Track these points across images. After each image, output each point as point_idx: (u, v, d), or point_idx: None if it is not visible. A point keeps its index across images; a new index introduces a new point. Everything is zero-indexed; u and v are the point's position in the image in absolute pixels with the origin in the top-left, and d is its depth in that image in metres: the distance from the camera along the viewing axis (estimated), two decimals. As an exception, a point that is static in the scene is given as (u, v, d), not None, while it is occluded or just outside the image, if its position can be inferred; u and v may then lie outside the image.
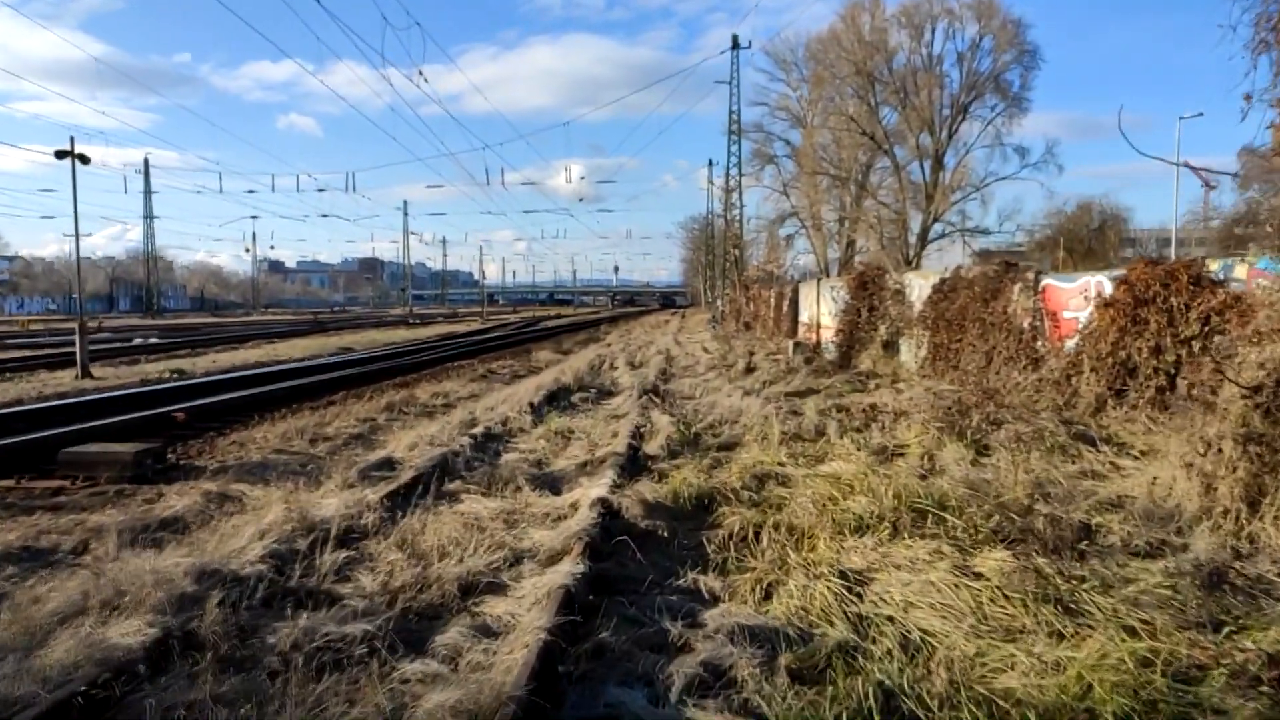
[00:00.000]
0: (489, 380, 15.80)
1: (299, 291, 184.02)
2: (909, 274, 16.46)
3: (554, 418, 10.19)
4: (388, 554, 4.75)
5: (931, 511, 5.90)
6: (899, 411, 10.15)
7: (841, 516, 5.84)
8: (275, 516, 4.96)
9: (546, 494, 6.67)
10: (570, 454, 8.28)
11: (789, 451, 8.28)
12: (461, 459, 7.61)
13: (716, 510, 6.13)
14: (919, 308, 15.50)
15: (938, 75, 51.44)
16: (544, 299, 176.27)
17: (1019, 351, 12.12)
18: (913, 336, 15.63)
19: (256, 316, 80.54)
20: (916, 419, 9.10)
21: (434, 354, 21.77)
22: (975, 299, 13.33)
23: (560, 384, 13.73)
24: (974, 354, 13.11)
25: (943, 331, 14.24)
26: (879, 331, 16.88)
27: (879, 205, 56.69)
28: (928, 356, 14.73)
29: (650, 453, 8.32)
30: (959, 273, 14.44)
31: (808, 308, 24.59)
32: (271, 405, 11.53)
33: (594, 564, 4.84)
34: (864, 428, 9.68)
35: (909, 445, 8.34)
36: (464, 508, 6.14)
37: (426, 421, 10.14)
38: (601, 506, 5.83)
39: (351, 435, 9.12)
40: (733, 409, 11.58)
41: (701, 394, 13.62)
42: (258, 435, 8.93)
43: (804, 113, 60.99)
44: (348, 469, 6.99)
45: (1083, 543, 5.56)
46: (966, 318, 13.56)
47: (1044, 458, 7.37)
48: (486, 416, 10.25)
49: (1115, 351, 10.06)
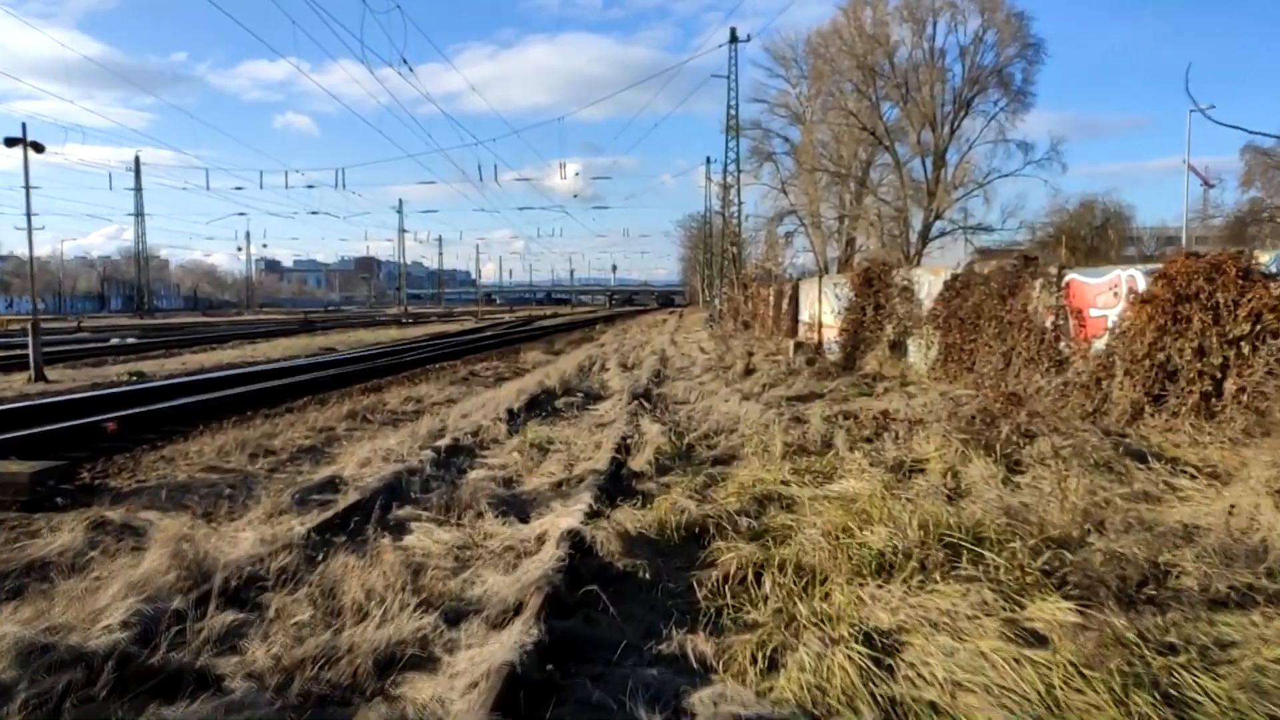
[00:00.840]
0: (470, 384, 14.81)
1: (295, 291, 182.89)
2: (917, 270, 15.51)
3: (532, 427, 9.22)
4: (295, 612, 3.77)
5: (966, 546, 4.93)
6: (914, 420, 9.18)
7: (859, 552, 4.87)
8: (158, 562, 3.98)
9: (512, 521, 5.70)
10: (546, 470, 7.31)
11: (793, 467, 7.32)
12: (419, 478, 6.63)
13: (710, 544, 5.16)
14: (929, 306, 14.54)
15: (940, 69, 50.45)
16: (541, 298, 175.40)
17: (1041, 352, 11.16)
18: (922, 336, 14.67)
19: (248, 316, 79.40)
20: (935, 429, 8.13)
21: (418, 355, 20.79)
22: (991, 296, 12.36)
23: (544, 388, 12.75)
24: (990, 355, 12.15)
25: (955, 331, 13.27)
26: (885, 331, 15.91)
27: (880, 202, 55.78)
28: (938, 357, 13.76)
29: (636, 469, 7.35)
30: (973, 268, 13.48)
31: (809, 306, 23.62)
32: (223, 412, 10.54)
33: (556, 621, 3.88)
34: (875, 438, 8.72)
35: (929, 460, 7.37)
36: (411, 541, 5.17)
37: (391, 431, 9.16)
38: (571, 542, 4.86)
39: (301, 448, 8.12)
40: (730, 415, 10.61)
41: (697, 398, 12.64)
42: (194, 448, 7.94)
43: (803, 109, 60.03)
44: (282, 492, 6.01)
45: (1152, 587, 4.61)
46: (982, 316, 12.59)
47: (1087, 476, 6.40)
48: (458, 425, 9.27)
49: (1153, 353, 9.10)
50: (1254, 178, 63.85)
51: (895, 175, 55.35)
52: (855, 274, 16.92)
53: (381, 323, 55.61)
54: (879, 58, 52.49)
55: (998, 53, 49.93)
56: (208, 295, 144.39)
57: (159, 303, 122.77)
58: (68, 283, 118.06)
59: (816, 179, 56.48)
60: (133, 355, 21.96)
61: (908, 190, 53.83)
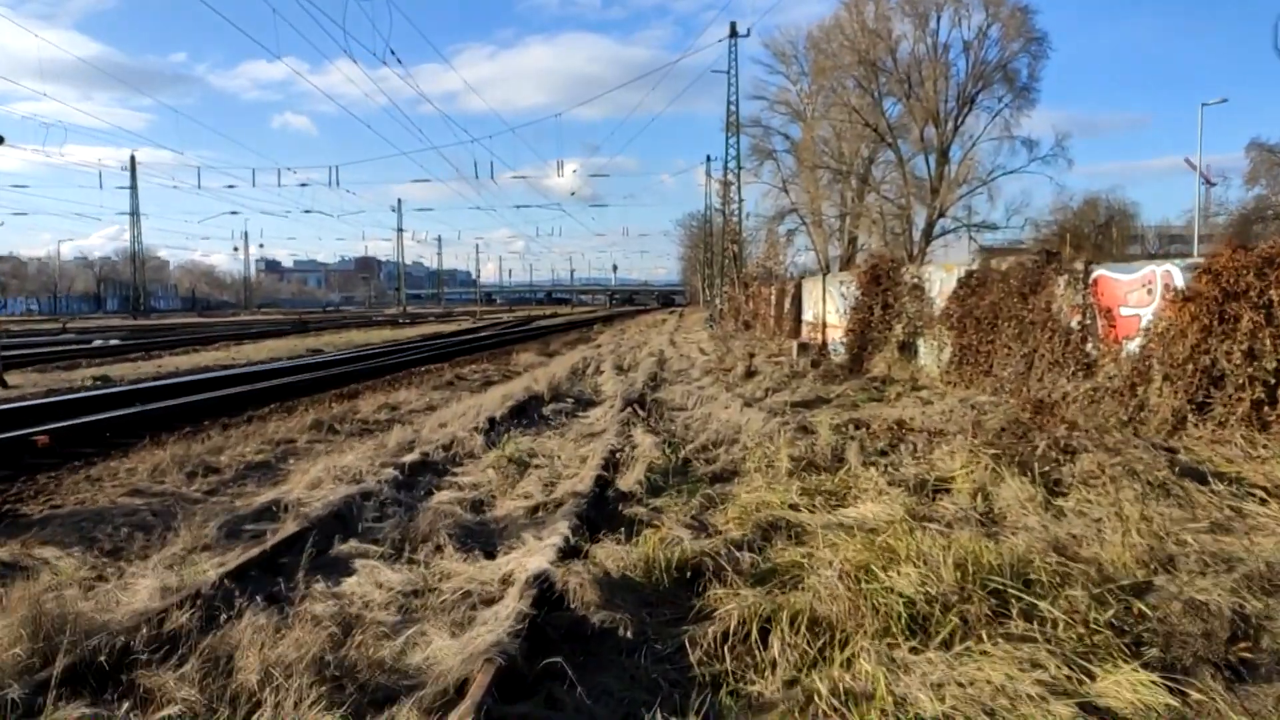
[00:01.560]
0: (454, 388, 13.97)
1: (294, 291, 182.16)
2: (928, 267, 14.67)
3: (512, 440, 8.38)
4: (165, 703, 2.93)
5: (1013, 592, 4.10)
6: (934, 431, 8.33)
7: (885, 600, 4.03)
8: (4, 631, 3.15)
9: (476, 557, 4.87)
10: (522, 491, 6.47)
11: (801, 486, 6.48)
12: (375, 502, 5.80)
13: (706, 588, 4.33)
14: (941, 305, 13.69)
15: (943, 65, 49.54)
16: (541, 298, 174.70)
17: (1066, 355, 10.31)
18: (934, 337, 13.83)
19: (244, 316, 78.57)
20: (959, 443, 7.29)
21: (405, 357, 19.96)
22: (1011, 294, 11.51)
23: (532, 393, 11.92)
24: (1010, 357, 11.30)
25: (970, 331, 12.43)
26: (894, 331, 15.07)
27: (882, 200, 54.95)
28: (952, 360, 12.92)
29: (625, 489, 6.52)
30: (989, 264, 12.64)
31: (812, 305, 22.78)
32: (177, 422, 9.69)
33: (509, 707, 3.05)
34: (891, 451, 7.88)
35: (954, 479, 6.53)
36: (350, 586, 4.34)
37: (356, 444, 8.31)
38: (539, 589, 4.03)
39: (250, 465, 7.28)
40: (731, 424, 9.78)
41: (695, 404, 11.81)
42: (129, 466, 7.10)
43: (804, 107, 59.20)
44: (209, 521, 5.17)
45: (1245, 645, 3.78)
46: (1000, 316, 11.75)
47: (1140, 500, 5.56)
48: (431, 437, 8.44)
49: (1196, 356, 8.26)
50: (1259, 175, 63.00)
51: (898, 172, 54.43)
52: (862, 271, 16.09)
53: (377, 323, 54.78)
54: (881, 53, 51.61)
55: (1002, 47, 49.01)
56: (206, 296, 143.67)
57: (157, 303, 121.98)
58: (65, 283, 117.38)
59: (818, 176, 55.61)
60: (111, 358, 21.13)
61: (911, 188, 52.99)
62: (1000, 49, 49.09)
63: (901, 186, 53.89)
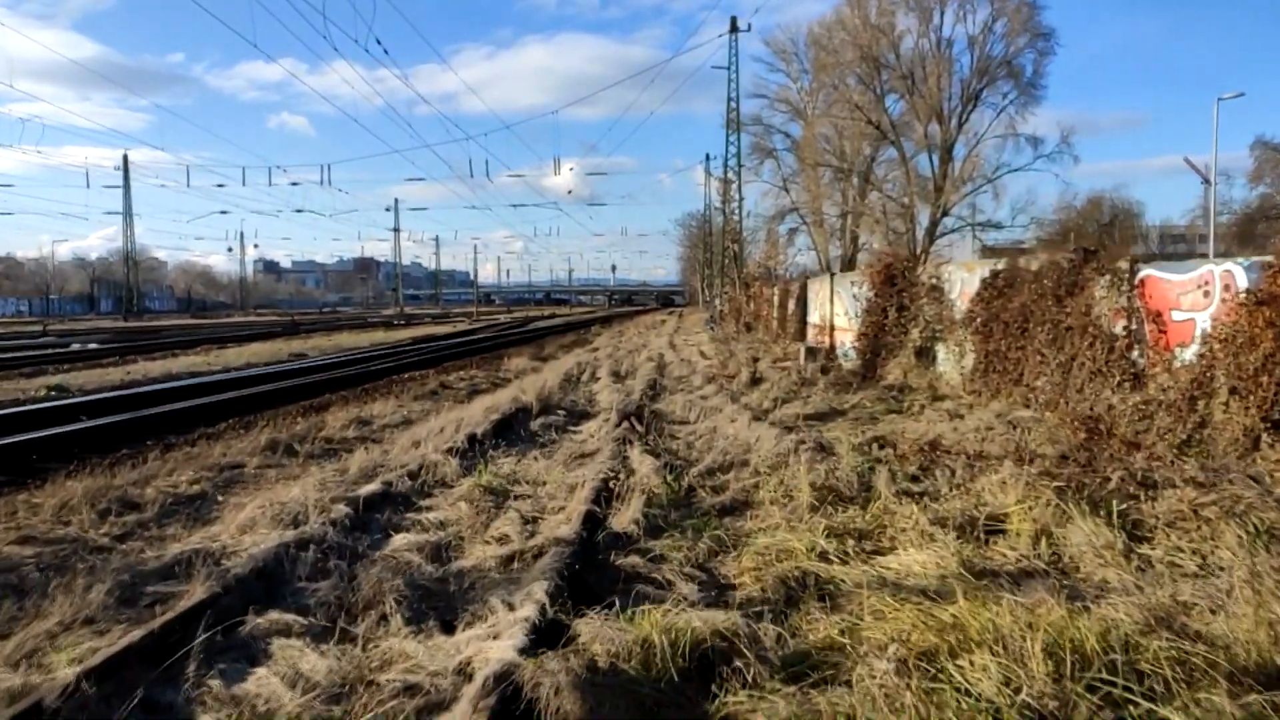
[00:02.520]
0: (437, 398, 12.94)
1: (292, 292, 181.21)
2: (948, 265, 13.68)
3: (492, 464, 7.36)
4: None
5: (1131, 696, 3.09)
6: (973, 453, 7.31)
7: (963, 710, 3.02)
8: None
9: (430, 632, 3.86)
10: (497, 532, 5.45)
11: (828, 525, 5.47)
12: (315, 552, 4.78)
13: (722, 687, 3.31)
14: (963, 307, 12.68)
15: (947, 60, 48.55)
16: (540, 299, 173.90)
17: (1110, 364, 9.30)
18: (955, 342, 12.82)
19: (238, 318, 77.53)
20: (1008, 470, 6.27)
21: (390, 362, 18.93)
22: (1044, 295, 10.50)
23: (520, 405, 10.90)
24: (1044, 366, 10.29)
25: (997, 336, 11.41)
26: (911, 336, 14.06)
27: (885, 198, 53.98)
28: (976, 367, 11.91)
29: (619, 529, 5.50)
30: (1018, 262, 11.62)
31: (819, 307, 21.75)
32: (112, 443, 8.62)
33: None
34: (924, 475, 6.87)
35: (1008, 516, 5.52)
36: (256, 681, 3.33)
37: (314, 469, 7.28)
38: (500, 699, 3.01)
39: (179, 499, 6.23)
40: (739, 441, 8.77)
41: (698, 417, 10.80)
42: (35, 501, 6.05)
43: (805, 104, 58.32)
44: (102, 582, 4.14)
45: None
46: (1031, 319, 10.74)
47: (1248, 547, 4.55)
48: (401, 460, 7.41)
49: (1271, 367, 7.25)
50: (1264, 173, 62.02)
51: (900, 170, 53.49)
52: (875, 270, 15.07)
53: (372, 325, 53.69)
54: (884, 48, 50.62)
55: (1007, 43, 48.07)
56: (202, 297, 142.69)
57: (152, 304, 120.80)
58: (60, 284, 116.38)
59: (819, 175, 54.66)
60: (82, 363, 20.08)
61: (914, 186, 52.00)
62: (1006, 44, 48.17)
63: (904, 184, 52.95)
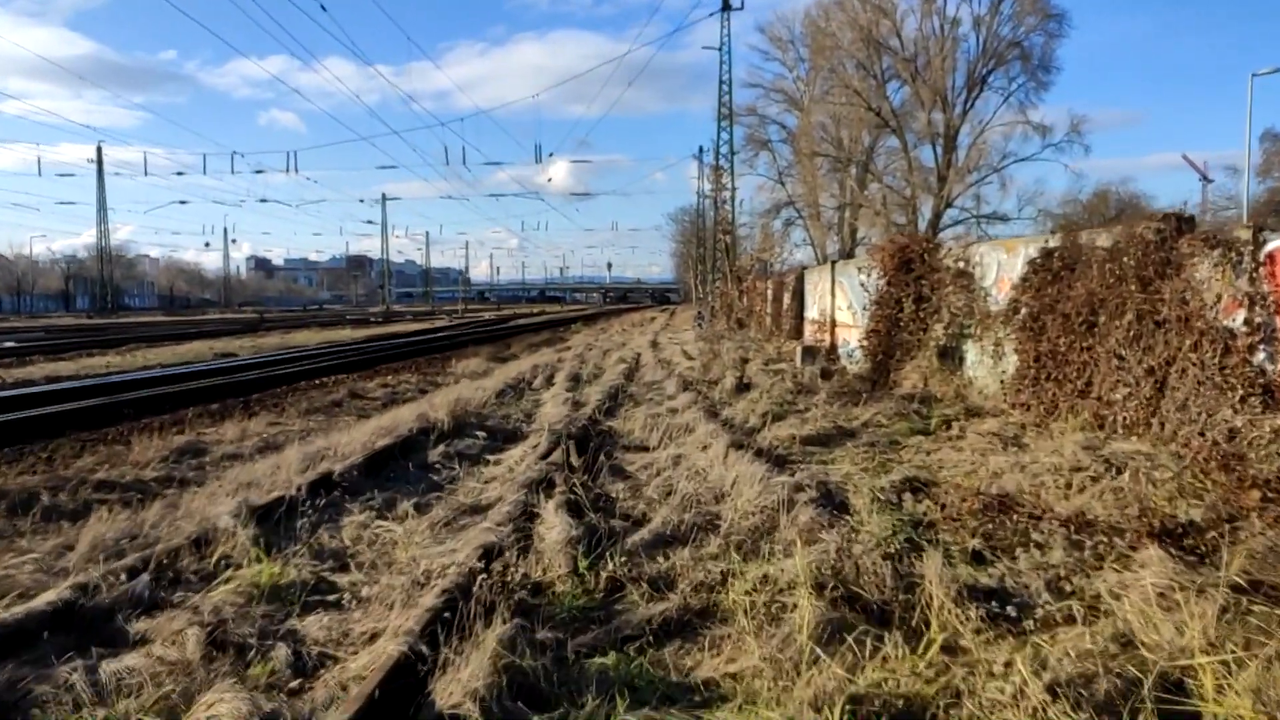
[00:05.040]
0: (339, 411, 10.26)
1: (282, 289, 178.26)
2: (980, 246, 11.05)
3: (322, 532, 4.69)
4: None
5: None
6: (1071, 517, 4.65)
7: None
8: None
9: None
10: (205, 714, 2.78)
11: (849, 690, 2.84)
12: None
13: None
14: (1003, 296, 10.06)
15: (953, 42, 45.79)
16: (535, 296, 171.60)
17: (1228, 371, 6.66)
18: (990, 340, 10.19)
19: (213, 315, 74.68)
20: (1153, 564, 3.63)
21: (321, 363, 16.20)
22: (1123, 278, 7.86)
23: (427, 423, 8.24)
24: (1124, 372, 7.65)
25: (1052, 333, 8.77)
26: (933, 333, 11.41)
27: (885, 189, 51.32)
28: (1023, 373, 9.26)
29: (449, 705, 2.84)
30: (1078, 239, 8.96)
31: (817, 300, 19.12)
32: None
33: None
34: (995, 556, 4.24)
35: (1197, 673, 2.88)
36: None
37: (29, 543, 4.63)
38: None
39: None
40: (709, 484, 6.15)
41: (661, 440, 8.15)
42: None
43: (801, 94, 55.55)
44: None
45: None
46: (1101, 310, 8.11)
47: None
48: (170, 530, 4.75)
49: None
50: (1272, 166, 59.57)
51: (902, 160, 50.84)
52: (887, 254, 12.41)
53: (349, 322, 50.84)
54: (885, 31, 47.93)
55: (1016, 23, 45.33)
56: (186, 294, 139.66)
57: (131, 301, 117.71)
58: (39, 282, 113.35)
59: (816, 166, 52.00)
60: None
61: (916, 175, 49.38)
62: (1014, 24, 45.46)
63: (906, 174, 50.30)
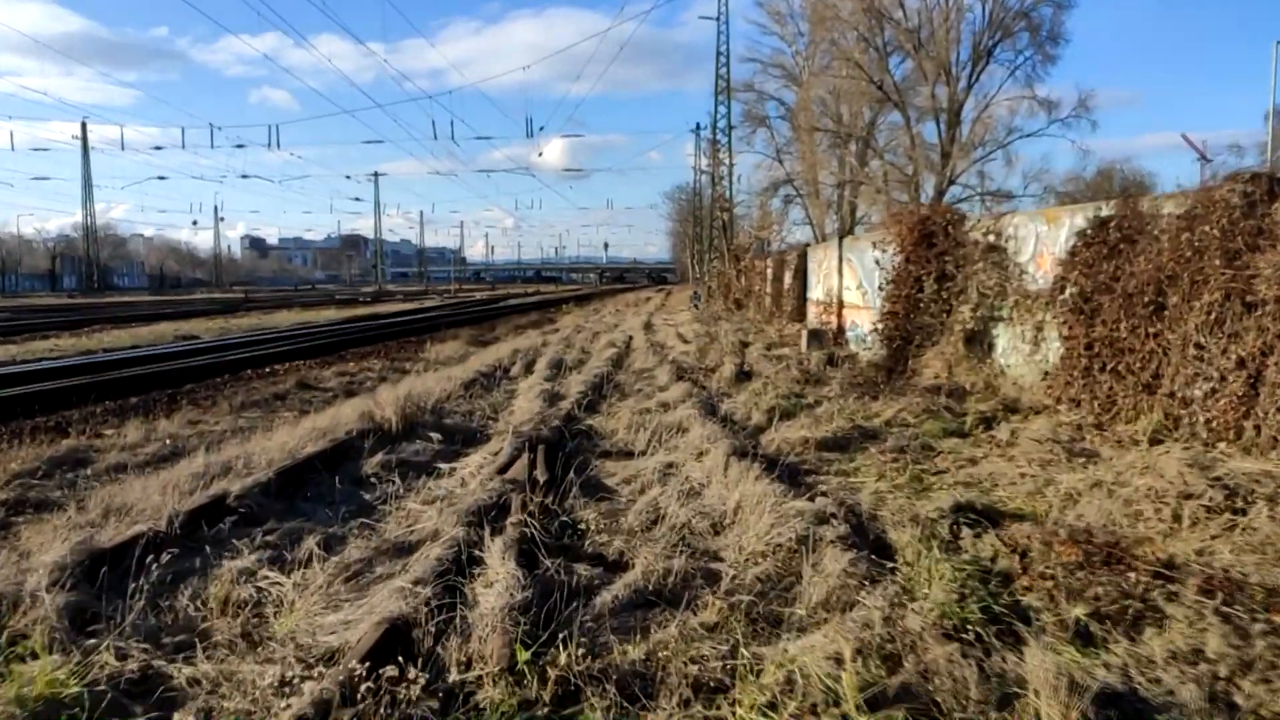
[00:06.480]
0: (275, 407, 8.95)
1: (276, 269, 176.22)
2: (1014, 217, 9.73)
3: (143, 616, 3.40)
4: None
5: None
6: (1216, 576, 3.37)
7: None
8: None
9: None
10: None
11: None
12: None
13: None
14: (1042, 273, 8.76)
15: (958, 12, 44.02)
16: (531, 276, 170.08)
17: (1347, 364, 5.38)
18: (1029, 324, 8.89)
19: (200, 295, 73.19)
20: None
21: (285, 346, 14.88)
22: (1200, 252, 6.56)
23: (369, 424, 6.95)
24: (1204, 363, 6.37)
25: (1107, 316, 7.48)
26: (958, 315, 10.10)
27: (886, 165, 49.78)
28: (1070, 362, 7.96)
29: None
30: (1139, 205, 7.64)
31: (822, 280, 17.79)
32: None
33: None
34: (1110, 630, 2.97)
35: None
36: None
37: None
38: None
39: None
40: (706, 509, 4.88)
41: (649, 443, 6.86)
42: None
43: (800, 69, 53.80)
44: None
45: None
46: (1171, 290, 6.82)
47: None
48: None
49: None
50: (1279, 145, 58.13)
51: (904, 136, 49.22)
52: (905, 227, 11.07)
53: (336, 302, 49.30)
54: (888, 1, 46.28)
55: (1024, -7, 43.65)
56: (177, 273, 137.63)
57: (120, 281, 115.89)
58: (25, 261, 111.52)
59: (815, 142, 50.40)
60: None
61: (918, 151, 47.84)
62: (1021, -5, 43.75)
63: (908, 150, 48.74)
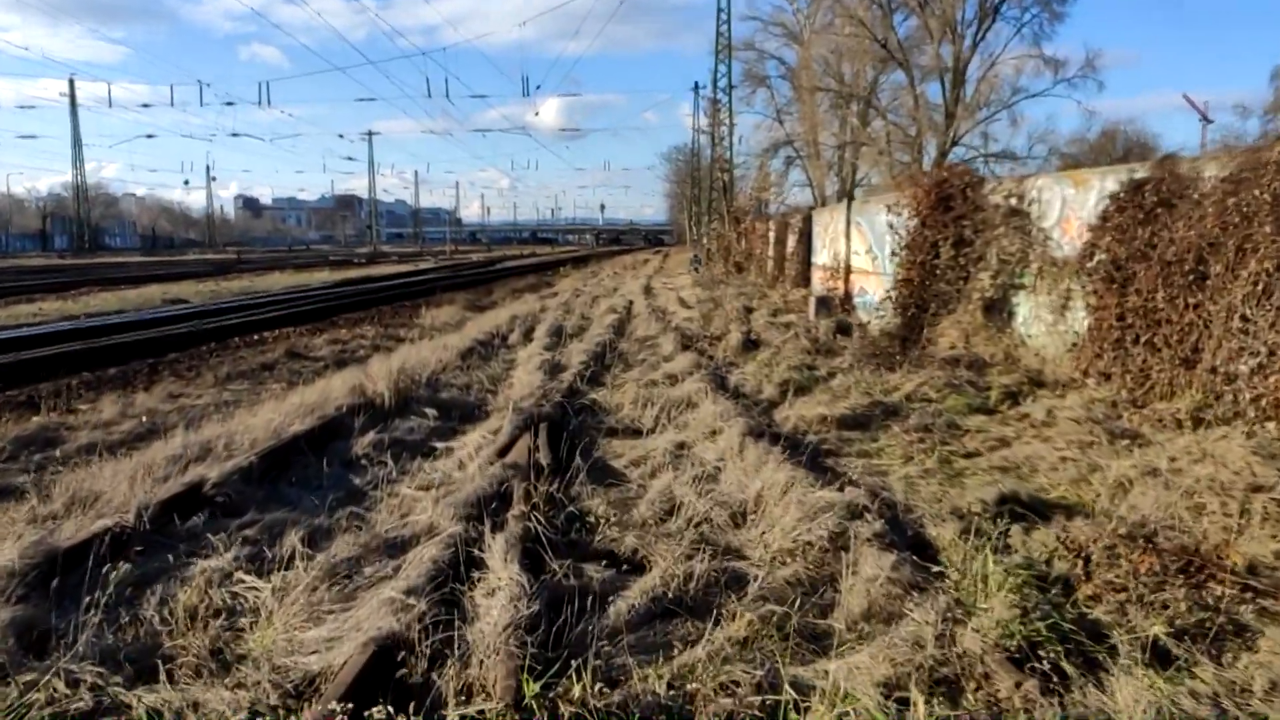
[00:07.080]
0: (263, 378, 8.52)
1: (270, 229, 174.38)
2: (1038, 179, 9.27)
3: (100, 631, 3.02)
4: None
5: None
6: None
7: None
8: None
9: None
10: None
11: None
12: None
13: None
14: (1068, 239, 8.33)
15: (966, -34, 42.80)
16: (526, 237, 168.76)
17: None
18: (1055, 293, 8.48)
19: (192, 255, 72.28)
20: None
21: (277, 312, 14.43)
22: (1248, 218, 6.13)
23: (367, 397, 6.56)
24: (1246, 337, 5.98)
25: (1142, 285, 7.06)
26: (977, 283, 9.68)
27: (889, 125, 48.87)
28: (1100, 334, 7.57)
29: None
30: (1178, 167, 7.18)
31: (828, 244, 17.30)
32: None
33: None
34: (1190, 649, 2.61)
35: None
36: None
37: None
38: None
39: None
40: (724, 497, 4.50)
41: (658, 421, 6.48)
42: None
43: (801, 28, 52.57)
44: None
45: None
46: (1214, 258, 6.40)
47: None
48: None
49: None
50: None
51: (907, 96, 48.28)
52: (921, 189, 10.60)
53: (331, 263, 48.50)
54: (894, -46, 45.01)
55: (1032, -53, 42.46)
56: (169, 234, 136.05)
57: (112, 241, 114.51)
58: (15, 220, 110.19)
59: (816, 102, 49.41)
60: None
61: (923, 111, 46.94)
62: (1030, -51, 42.57)
63: (911, 110, 47.83)
